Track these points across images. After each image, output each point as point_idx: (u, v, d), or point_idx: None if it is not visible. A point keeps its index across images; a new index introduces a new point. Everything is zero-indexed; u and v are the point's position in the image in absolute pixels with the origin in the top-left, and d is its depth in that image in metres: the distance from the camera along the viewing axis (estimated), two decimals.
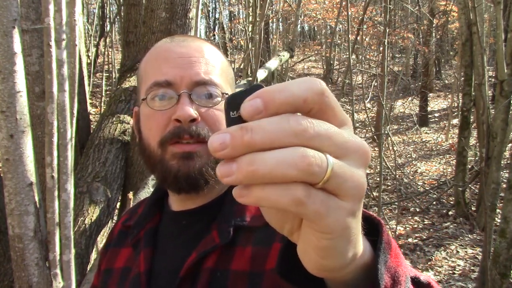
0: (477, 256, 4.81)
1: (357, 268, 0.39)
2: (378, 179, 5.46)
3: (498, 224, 4.31)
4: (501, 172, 4.40)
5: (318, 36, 22.22)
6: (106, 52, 10.99)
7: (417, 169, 8.36)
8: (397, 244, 0.45)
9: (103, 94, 9.02)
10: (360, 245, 0.38)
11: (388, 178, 7.67)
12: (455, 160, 6.65)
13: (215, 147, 0.31)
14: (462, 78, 6.77)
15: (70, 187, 1.85)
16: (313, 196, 0.31)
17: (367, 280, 0.40)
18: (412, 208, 6.43)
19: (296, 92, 0.32)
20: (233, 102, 0.34)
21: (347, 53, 6.40)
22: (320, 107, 0.33)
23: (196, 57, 0.73)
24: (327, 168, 0.31)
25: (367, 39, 11.59)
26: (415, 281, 0.48)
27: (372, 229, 0.43)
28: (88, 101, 4.11)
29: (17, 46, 1.63)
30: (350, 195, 0.33)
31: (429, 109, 12.29)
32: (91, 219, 2.61)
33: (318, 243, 0.34)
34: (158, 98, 0.72)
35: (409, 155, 9.31)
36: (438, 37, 13.91)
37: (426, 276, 0.50)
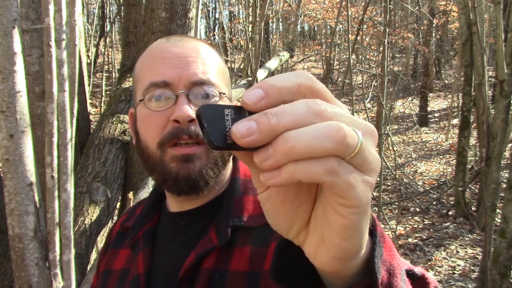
0: (477, 256, 4.81)
1: (359, 263, 0.39)
2: (378, 179, 5.46)
3: (498, 224, 4.30)
4: (501, 172, 4.40)
5: (318, 36, 22.21)
6: (106, 52, 10.99)
7: (417, 169, 8.36)
8: (389, 238, 0.45)
9: (103, 94, 9.02)
10: (367, 233, 0.38)
11: (388, 178, 7.67)
12: (455, 160, 6.65)
13: (242, 134, 0.32)
14: (462, 78, 6.77)
15: (70, 187, 1.85)
16: (345, 167, 0.32)
17: (364, 275, 0.40)
18: (412, 208, 6.43)
19: (291, 79, 0.34)
20: (215, 127, 0.33)
21: (347, 53, 6.40)
22: (312, 92, 0.35)
23: (193, 57, 0.73)
24: (358, 142, 0.33)
25: (367, 39, 11.59)
26: (409, 273, 0.48)
27: None
28: (88, 101, 4.11)
29: (17, 46, 1.63)
30: (371, 170, 0.34)
31: (429, 109, 12.29)
32: (91, 219, 2.61)
33: (344, 220, 0.34)
34: (155, 98, 0.71)
35: (409, 155, 9.31)
36: (438, 37, 13.90)
37: (420, 269, 0.51)
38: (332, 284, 0.42)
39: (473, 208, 6.04)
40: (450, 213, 6.13)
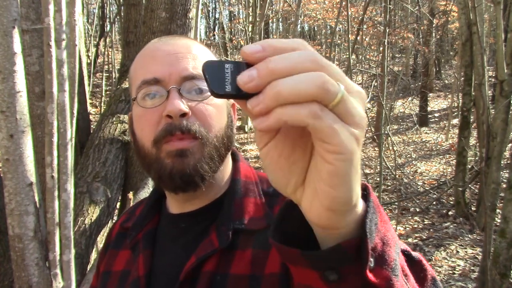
0: (477, 256, 4.81)
1: (353, 222, 0.40)
2: (378, 179, 5.47)
3: (498, 224, 4.30)
4: (501, 172, 4.40)
5: (318, 36, 22.20)
6: (106, 52, 11.00)
7: (417, 169, 8.36)
8: (385, 213, 0.46)
9: (103, 94, 9.03)
10: (359, 189, 0.40)
11: (388, 178, 7.66)
12: (455, 160, 6.64)
13: (245, 80, 0.36)
14: (462, 78, 6.77)
15: (70, 187, 1.85)
16: (327, 113, 0.36)
17: (358, 237, 0.41)
18: (412, 208, 6.43)
19: (287, 42, 0.38)
20: (216, 78, 0.38)
21: (347, 53, 6.40)
22: None
23: (183, 53, 0.73)
24: (339, 91, 0.36)
25: (367, 39, 11.59)
26: (405, 253, 0.49)
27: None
28: (88, 101, 4.11)
29: (17, 46, 1.63)
30: (355, 122, 0.37)
31: (429, 109, 12.29)
32: (91, 219, 2.61)
33: (330, 167, 0.36)
34: (148, 97, 0.71)
35: (409, 155, 9.31)
36: (438, 37, 13.91)
37: (418, 254, 0.52)
38: (327, 246, 0.42)
39: (473, 208, 6.03)
40: (450, 213, 6.13)
